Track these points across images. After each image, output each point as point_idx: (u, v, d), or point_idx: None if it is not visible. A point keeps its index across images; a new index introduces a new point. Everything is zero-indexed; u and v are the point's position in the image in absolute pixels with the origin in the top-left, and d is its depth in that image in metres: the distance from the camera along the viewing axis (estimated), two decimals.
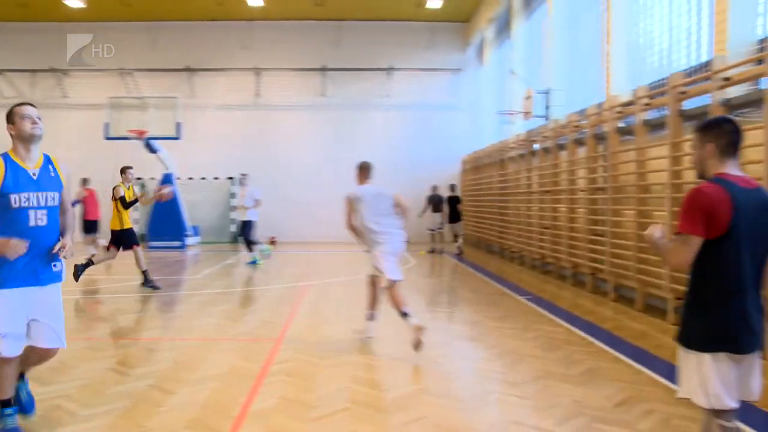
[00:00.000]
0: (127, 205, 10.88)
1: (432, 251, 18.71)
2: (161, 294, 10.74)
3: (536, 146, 14.58)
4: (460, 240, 19.09)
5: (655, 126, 9.40)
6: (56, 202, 4.28)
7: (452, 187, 19.50)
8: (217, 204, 23.31)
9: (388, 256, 7.08)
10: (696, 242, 3.08)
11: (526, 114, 15.33)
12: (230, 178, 22.92)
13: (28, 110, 4.21)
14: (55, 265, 4.28)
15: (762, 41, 7.74)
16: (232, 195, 22.84)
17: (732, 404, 3.14)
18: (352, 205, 7.14)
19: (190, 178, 22.82)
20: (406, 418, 4.67)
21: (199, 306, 9.66)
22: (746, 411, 4.79)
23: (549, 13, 14.90)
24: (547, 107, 14.77)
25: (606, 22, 11.68)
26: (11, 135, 4.22)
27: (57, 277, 4.32)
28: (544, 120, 14.79)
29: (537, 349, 6.82)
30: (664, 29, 10.33)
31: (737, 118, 6.41)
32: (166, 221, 20.25)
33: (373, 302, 7.39)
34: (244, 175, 15.79)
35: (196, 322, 8.47)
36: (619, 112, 10.20)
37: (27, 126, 4.17)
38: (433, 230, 18.82)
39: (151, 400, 5.10)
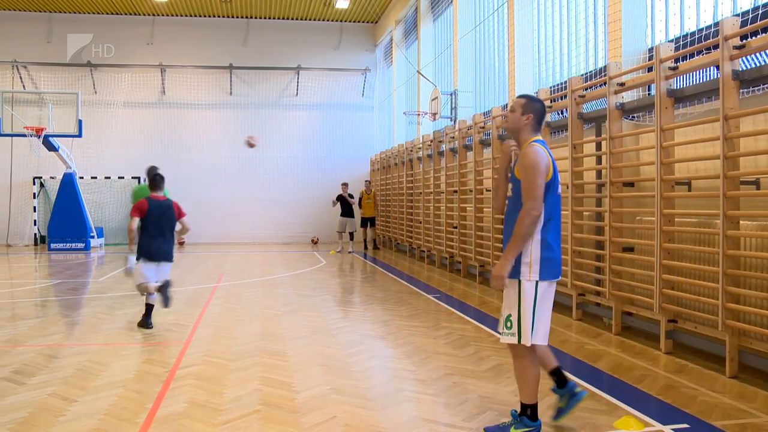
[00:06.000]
0: None
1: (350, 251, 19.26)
2: (64, 298, 10.32)
3: (444, 147, 14.85)
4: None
5: (556, 128, 9.76)
6: None
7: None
8: (122, 204, 22.57)
9: None
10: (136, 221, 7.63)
11: (433, 115, 15.59)
12: (136, 177, 22.28)
13: None
14: None
15: (651, 50, 8.18)
16: None
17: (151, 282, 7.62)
18: None
19: (94, 178, 22.01)
20: (317, 419, 4.69)
21: (104, 309, 9.33)
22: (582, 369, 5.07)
23: (455, 16, 15.22)
24: (453, 108, 15.07)
25: (509, 26, 12.04)
26: None
27: None
28: (450, 121, 15.09)
29: (447, 347, 6.97)
30: (564, 35, 10.75)
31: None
32: (69, 222, 19.48)
33: None
34: None
35: (100, 326, 8.19)
36: None
37: None
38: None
39: (50, 409, 4.90)
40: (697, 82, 6.98)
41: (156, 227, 7.86)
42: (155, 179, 8.06)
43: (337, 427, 4.55)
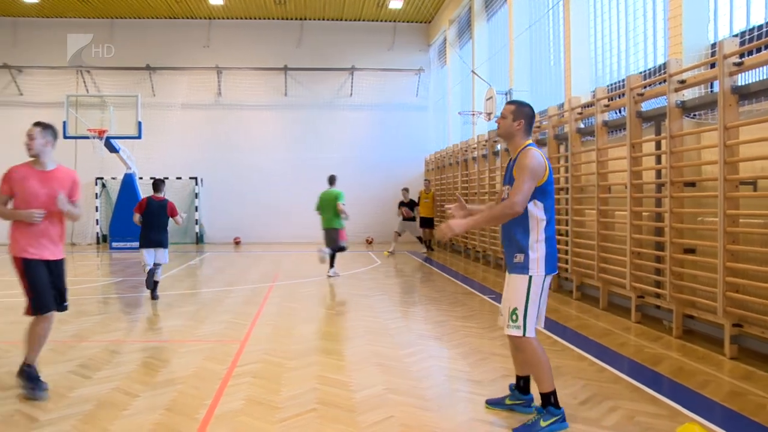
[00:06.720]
0: None
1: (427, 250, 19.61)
2: (125, 295, 10.61)
3: (499, 146, 14.73)
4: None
5: (614, 127, 9.58)
6: None
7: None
8: (180, 204, 22.92)
9: None
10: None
11: (488, 114, 15.46)
12: (193, 178, 22.71)
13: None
14: None
15: (713, 46, 7.94)
16: (196, 195, 22.64)
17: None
18: None
19: (153, 178, 22.50)
20: (374, 418, 4.71)
21: (164, 307, 9.56)
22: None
23: (509, 15, 15.06)
24: None
25: (565, 24, 11.86)
26: None
27: None
28: None
29: (502, 348, 6.90)
30: (622, 32, 10.54)
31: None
32: (129, 222, 19.80)
33: None
34: None
35: (160, 323, 8.39)
36: (580, 113, 10.36)
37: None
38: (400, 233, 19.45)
39: (114, 403, 5.05)
40: (764, 77, 6.75)
41: (152, 220, 10.02)
42: (156, 183, 10.50)
43: (394, 426, 4.56)
